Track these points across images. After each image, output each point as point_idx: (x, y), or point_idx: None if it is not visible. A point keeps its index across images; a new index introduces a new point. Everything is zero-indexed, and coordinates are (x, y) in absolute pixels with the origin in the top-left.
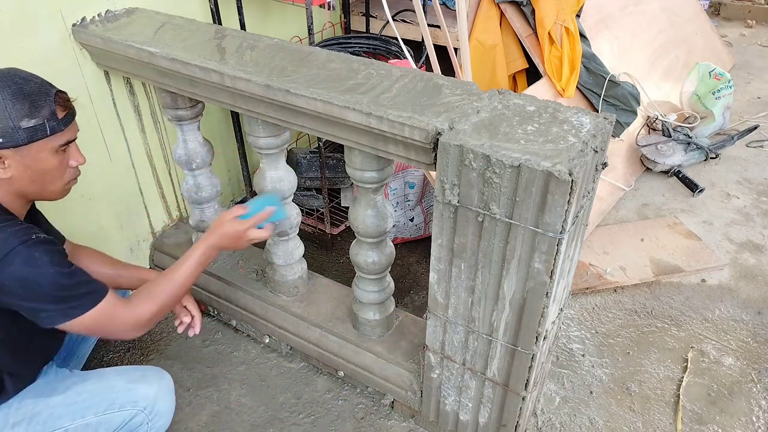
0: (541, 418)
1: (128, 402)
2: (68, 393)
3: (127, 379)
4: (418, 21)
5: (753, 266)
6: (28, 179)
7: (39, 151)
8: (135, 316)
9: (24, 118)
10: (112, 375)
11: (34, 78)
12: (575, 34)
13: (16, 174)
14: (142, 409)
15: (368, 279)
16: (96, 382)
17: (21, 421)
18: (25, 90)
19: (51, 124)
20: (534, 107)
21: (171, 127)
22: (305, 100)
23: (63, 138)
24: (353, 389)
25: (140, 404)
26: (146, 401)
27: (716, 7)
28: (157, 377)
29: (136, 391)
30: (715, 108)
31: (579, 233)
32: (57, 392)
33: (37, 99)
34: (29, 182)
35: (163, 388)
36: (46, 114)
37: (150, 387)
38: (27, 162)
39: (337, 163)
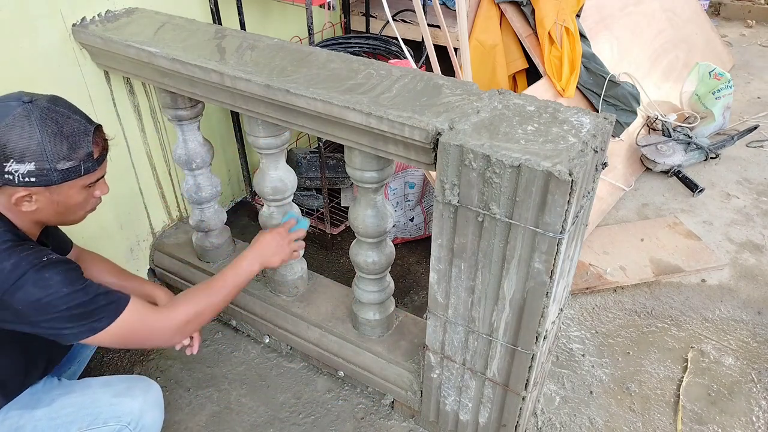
0: (541, 418)
1: (112, 417)
2: (53, 406)
3: (112, 393)
4: (418, 21)
5: (753, 266)
6: (53, 212)
7: (69, 189)
8: (170, 319)
9: (61, 161)
10: (97, 388)
11: (74, 115)
12: (575, 34)
13: (42, 207)
14: (127, 424)
15: (368, 279)
16: (80, 395)
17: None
18: (65, 130)
19: (86, 165)
20: (534, 107)
21: (171, 127)
22: (305, 100)
23: (94, 177)
24: (353, 389)
25: (125, 419)
26: (131, 416)
27: (716, 7)
28: (144, 390)
29: (121, 406)
30: (715, 108)
31: (579, 233)
32: (42, 404)
33: (76, 140)
34: (53, 214)
35: (150, 401)
36: (83, 155)
37: (135, 401)
38: (55, 198)
39: (337, 163)
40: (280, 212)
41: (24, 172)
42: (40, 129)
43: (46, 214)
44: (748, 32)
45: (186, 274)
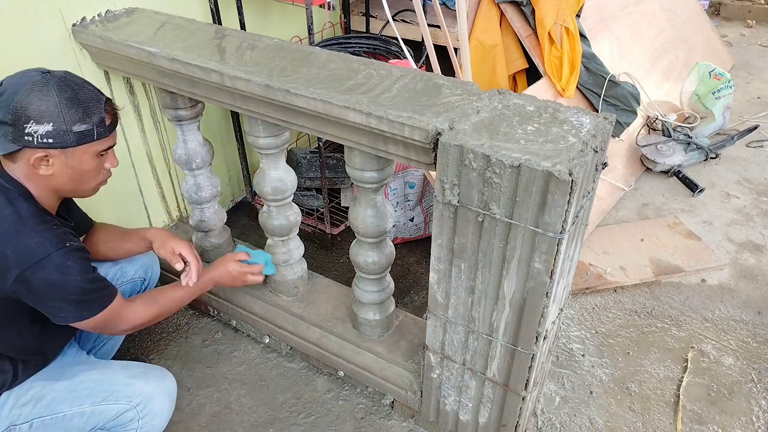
0: (541, 418)
1: (124, 396)
2: (74, 380)
3: (128, 374)
4: (418, 21)
5: (753, 266)
6: (68, 178)
7: (83, 153)
8: (134, 317)
9: (76, 123)
10: (116, 367)
11: (87, 84)
12: (575, 34)
13: (57, 172)
14: (135, 405)
15: (368, 279)
16: (100, 373)
17: (29, 401)
18: (80, 96)
19: (99, 130)
20: (534, 107)
21: (171, 127)
22: (305, 100)
23: (106, 144)
24: (353, 389)
25: (134, 400)
26: (141, 398)
27: (716, 7)
28: (159, 377)
29: (133, 387)
30: (715, 108)
31: (579, 233)
32: (64, 377)
33: (90, 105)
34: (67, 181)
35: (162, 388)
36: (96, 120)
37: (148, 385)
38: (70, 162)
39: (337, 163)
40: (280, 212)
41: (42, 132)
42: (58, 93)
43: (61, 180)
44: (748, 32)
45: None
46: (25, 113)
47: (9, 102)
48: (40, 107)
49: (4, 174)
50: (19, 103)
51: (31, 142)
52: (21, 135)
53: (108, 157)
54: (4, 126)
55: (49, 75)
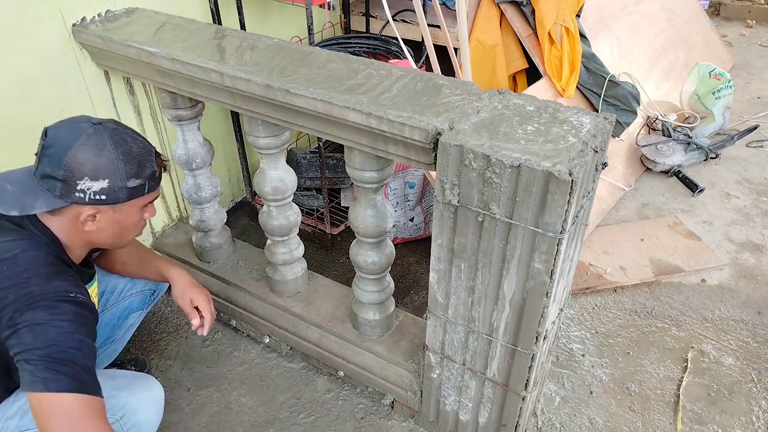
0: (541, 418)
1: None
2: None
3: (112, 386)
4: (418, 21)
5: (753, 266)
6: (111, 233)
7: (131, 208)
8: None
9: (131, 179)
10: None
11: (138, 136)
12: (575, 34)
13: (102, 227)
14: (119, 419)
15: (368, 279)
16: None
17: (14, 414)
18: (134, 150)
19: (150, 184)
20: (534, 107)
21: (171, 127)
22: (305, 100)
23: (153, 196)
24: (353, 389)
25: (118, 413)
26: (124, 410)
27: (716, 7)
28: (144, 387)
29: (117, 399)
30: (715, 108)
31: (579, 233)
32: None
33: (143, 159)
34: (110, 236)
35: (147, 399)
36: (148, 174)
37: (132, 396)
38: (117, 218)
39: (337, 163)
40: (280, 212)
41: (97, 189)
42: (114, 148)
43: (103, 236)
44: (748, 32)
45: None
46: (80, 170)
47: (61, 157)
48: (97, 163)
49: (37, 223)
50: (72, 158)
51: (83, 199)
52: (72, 191)
53: (149, 208)
54: (52, 181)
55: (101, 127)
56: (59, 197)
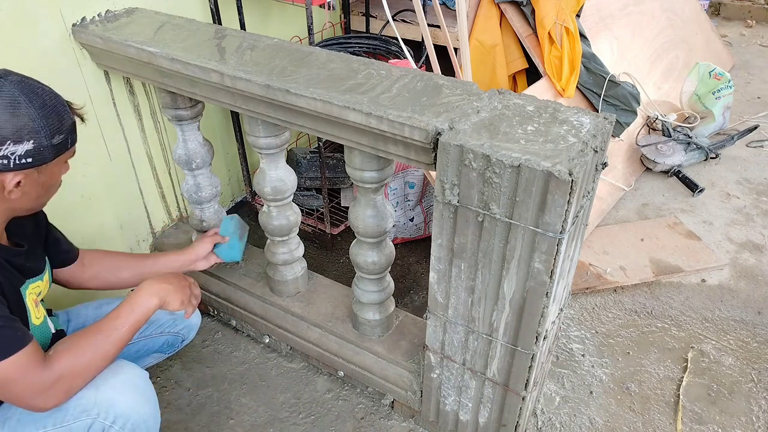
0: (541, 418)
1: (81, 412)
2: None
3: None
4: (418, 21)
5: (753, 266)
6: (34, 197)
7: (55, 166)
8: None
9: (55, 135)
10: None
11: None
12: (575, 34)
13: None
14: (96, 416)
15: (368, 279)
16: None
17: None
18: (48, 102)
19: (72, 137)
20: (534, 107)
21: (171, 127)
22: (305, 100)
23: (74, 150)
24: (353, 389)
25: (92, 412)
26: (98, 407)
27: (716, 7)
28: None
29: (85, 399)
30: (715, 108)
31: (579, 233)
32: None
33: (59, 111)
34: (32, 200)
35: (119, 386)
36: (68, 126)
37: (96, 391)
38: (42, 179)
39: (337, 163)
40: (280, 212)
41: (22, 153)
42: (29, 103)
43: (24, 201)
44: (748, 32)
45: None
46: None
47: None
48: (16, 124)
49: None
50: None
51: (7, 166)
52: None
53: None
54: None
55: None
56: None
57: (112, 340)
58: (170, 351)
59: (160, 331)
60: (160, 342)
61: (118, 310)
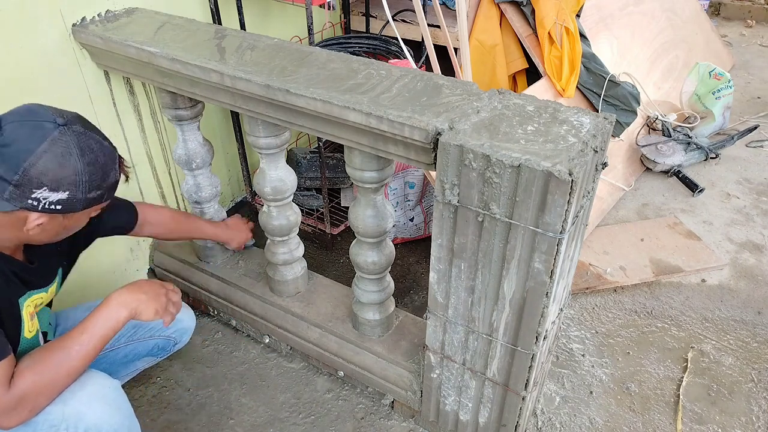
0: (541, 418)
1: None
2: None
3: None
4: (418, 21)
5: (753, 266)
6: (52, 235)
7: (82, 215)
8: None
9: (92, 191)
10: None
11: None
12: (575, 34)
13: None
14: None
15: (368, 279)
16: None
17: None
18: (100, 160)
19: (109, 193)
20: (534, 107)
21: (171, 127)
22: (305, 100)
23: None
24: (353, 389)
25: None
26: (66, 422)
27: (716, 7)
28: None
29: (52, 414)
30: (715, 108)
31: (579, 233)
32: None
33: (107, 169)
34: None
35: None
36: (110, 184)
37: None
38: (65, 223)
39: (337, 163)
40: (280, 212)
41: (54, 200)
42: (80, 158)
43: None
44: (748, 32)
45: (186, 273)
46: (40, 179)
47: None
48: (60, 174)
49: None
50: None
51: (35, 207)
52: (24, 197)
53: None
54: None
55: (67, 129)
56: (7, 200)
57: (77, 356)
58: (162, 355)
59: (150, 334)
60: (150, 346)
61: (85, 323)
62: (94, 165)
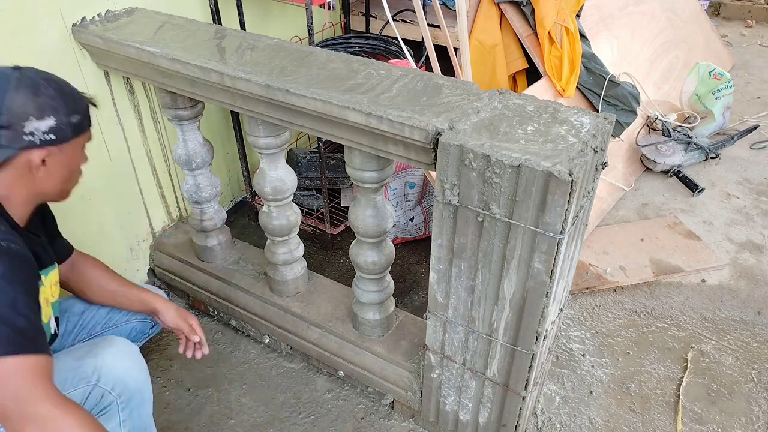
0: (541, 418)
1: (80, 380)
2: None
3: (74, 357)
4: (418, 21)
5: (753, 266)
6: (60, 178)
7: (75, 147)
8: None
9: (72, 114)
10: (62, 356)
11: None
12: (575, 34)
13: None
14: (96, 382)
15: (368, 279)
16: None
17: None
18: (64, 87)
19: (87, 120)
20: (534, 107)
21: (171, 127)
22: (305, 100)
23: (90, 134)
24: (353, 389)
25: (92, 378)
26: (96, 373)
27: (716, 7)
28: (106, 345)
29: (82, 368)
30: (715, 108)
31: (579, 233)
32: None
33: (74, 95)
34: (57, 182)
35: (115, 352)
36: (84, 109)
37: (96, 358)
38: (65, 160)
39: (337, 163)
40: (280, 212)
41: (45, 129)
42: (47, 87)
43: (51, 183)
44: (748, 32)
45: (186, 274)
46: (24, 110)
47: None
48: (38, 102)
49: None
50: (11, 100)
51: (33, 142)
52: (19, 136)
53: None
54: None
55: (24, 69)
56: (6, 146)
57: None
58: (141, 339)
59: (126, 318)
60: (128, 329)
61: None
62: (63, 90)
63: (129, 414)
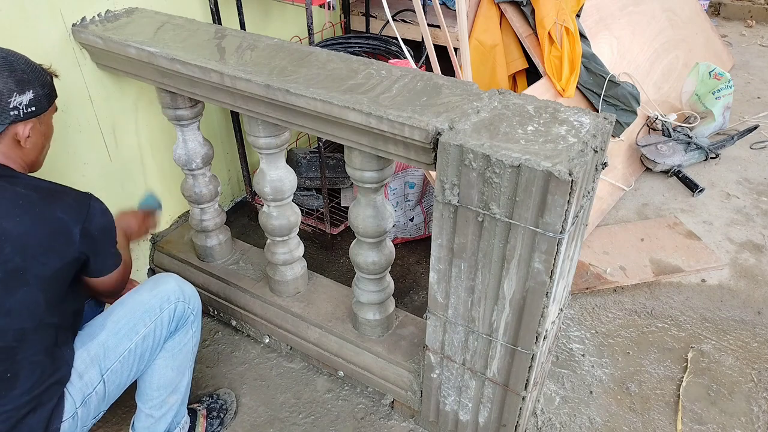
0: (541, 418)
1: (163, 302)
2: (107, 327)
3: (146, 289)
4: (418, 21)
5: (753, 266)
6: (40, 148)
7: (49, 116)
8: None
9: (44, 86)
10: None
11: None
12: (575, 34)
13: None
14: (177, 300)
15: (368, 279)
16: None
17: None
18: (30, 62)
19: (53, 88)
20: (534, 107)
21: (171, 127)
22: (305, 100)
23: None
24: (353, 389)
25: (173, 297)
26: (175, 293)
27: (716, 7)
28: (167, 275)
29: (162, 292)
30: (715, 108)
31: (579, 233)
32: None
33: (35, 66)
34: (38, 153)
35: (178, 278)
36: (50, 81)
37: (167, 283)
38: (43, 129)
39: (337, 163)
40: (280, 212)
41: (27, 102)
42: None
43: (35, 152)
44: (748, 32)
45: (186, 273)
46: (6, 86)
47: None
48: (15, 77)
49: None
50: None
51: (18, 116)
52: (5, 112)
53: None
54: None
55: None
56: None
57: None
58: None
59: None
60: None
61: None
62: (28, 64)
63: (198, 327)
